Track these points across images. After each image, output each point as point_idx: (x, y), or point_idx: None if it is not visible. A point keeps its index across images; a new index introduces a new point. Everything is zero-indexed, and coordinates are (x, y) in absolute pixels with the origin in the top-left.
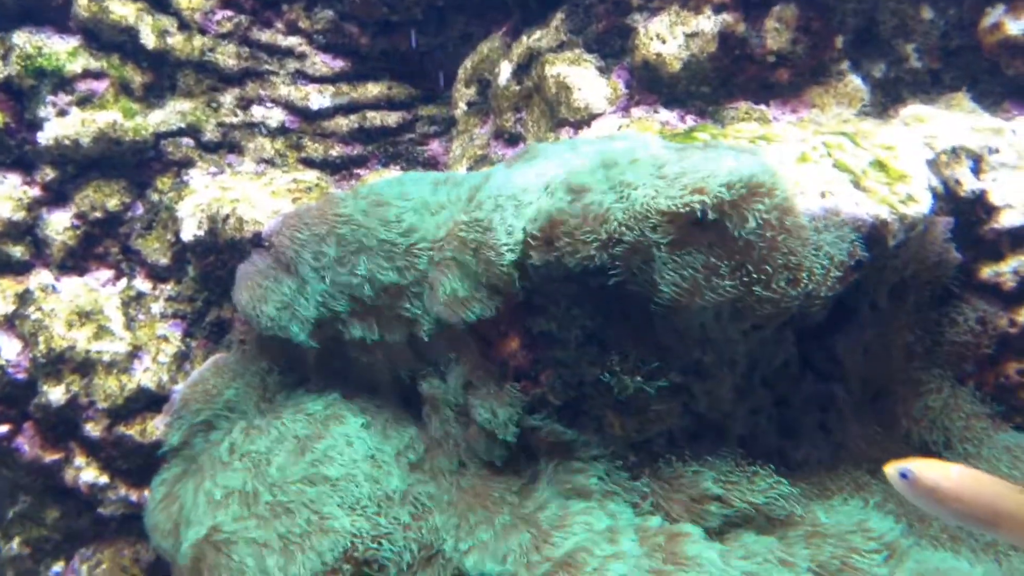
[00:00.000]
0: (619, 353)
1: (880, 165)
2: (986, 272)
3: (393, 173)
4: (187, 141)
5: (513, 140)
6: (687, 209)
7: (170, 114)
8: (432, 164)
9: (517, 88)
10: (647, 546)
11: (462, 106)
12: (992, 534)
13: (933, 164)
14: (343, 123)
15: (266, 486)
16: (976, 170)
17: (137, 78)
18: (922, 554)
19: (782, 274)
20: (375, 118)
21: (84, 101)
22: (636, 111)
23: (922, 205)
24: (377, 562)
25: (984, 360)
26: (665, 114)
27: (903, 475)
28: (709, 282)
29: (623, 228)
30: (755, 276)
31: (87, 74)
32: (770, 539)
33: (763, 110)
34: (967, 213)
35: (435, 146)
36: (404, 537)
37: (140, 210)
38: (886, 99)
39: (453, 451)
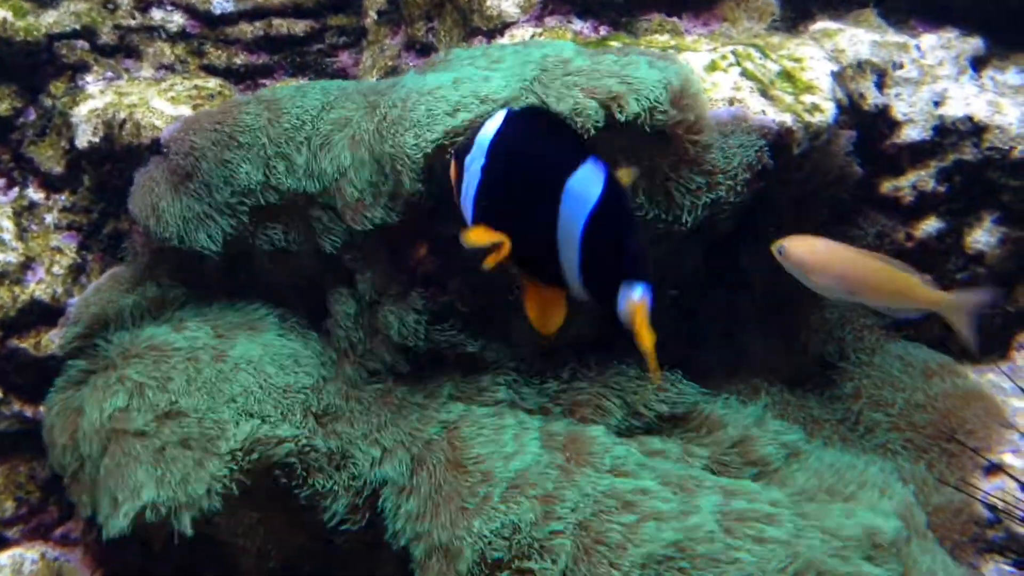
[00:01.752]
0: None
1: (788, 76)
2: (886, 186)
3: None
4: (82, 44)
5: (425, 50)
6: (605, 113)
7: (64, 15)
8: (342, 76)
9: None
10: (551, 445)
11: (372, 15)
12: (853, 300)
13: (839, 77)
14: (247, 30)
15: (167, 398)
16: (880, 84)
17: None
18: (820, 452)
19: (692, 174)
20: (282, 26)
21: None
22: (550, 20)
23: (827, 115)
24: (284, 468)
25: None
26: (579, 24)
27: (779, 251)
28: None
29: None
30: (668, 178)
31: None
32: (671, 440)
33: (675, 22)
34: (870, 127)
35: (345, 57)
36: (310, 445)
37: (32, 115)
38: (795, 15)
39: (362, 361)
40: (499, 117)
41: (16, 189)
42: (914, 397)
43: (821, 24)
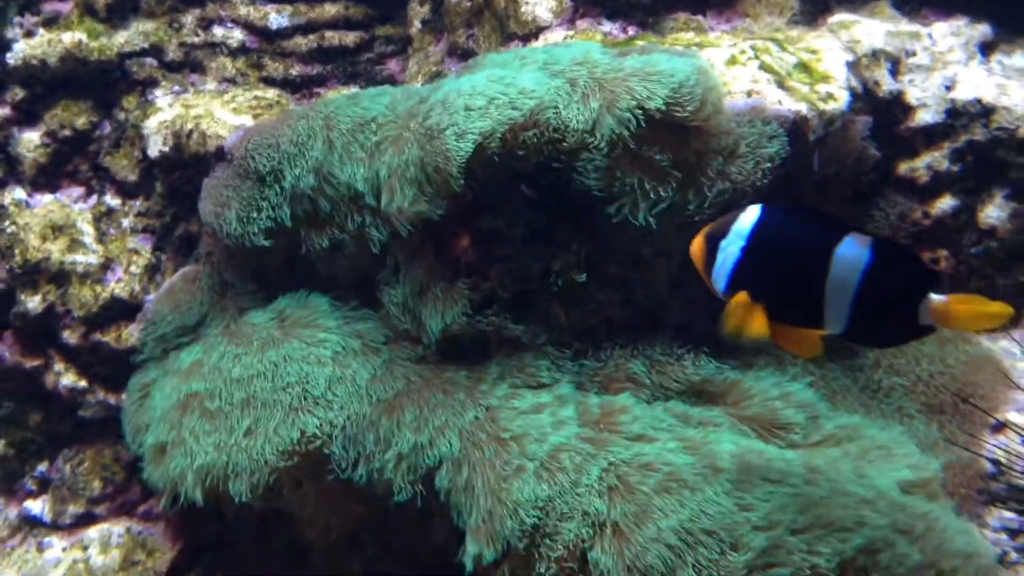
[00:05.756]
0: (562, 247)
1: (804, 67)
2: (903, 168)
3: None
4: (151, 61)
5: (466, 56)
6: (630, 113)
7: (134, 34)
8: (390, 82)
9: (468, 4)
10: (586, 419)
11: (417, 24)
12: None
13: (854, 66)
14: (302, 43)
15: (230, 383)
16: (894, 72)
17: None
18: (839, 417)
19: (711, 161)
20: (333, 38)
21: (50, 22)
22: (581, 23)
23: (840, 103)
24: (337, 446)
25: None
26: (608, 25)
27: None
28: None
29: (569, 132)
30: (691, 167)
31: None
32: (699, 407)
33: (700, 20)
34: (886, 113)
35: (392, 65)
36: (363, 426)
37: (108, 128)
38: (814, 8)
39: (412, 345)
40: (752, 211)
41: (95, 197)
42: (930, 365)
43: (838, 16)
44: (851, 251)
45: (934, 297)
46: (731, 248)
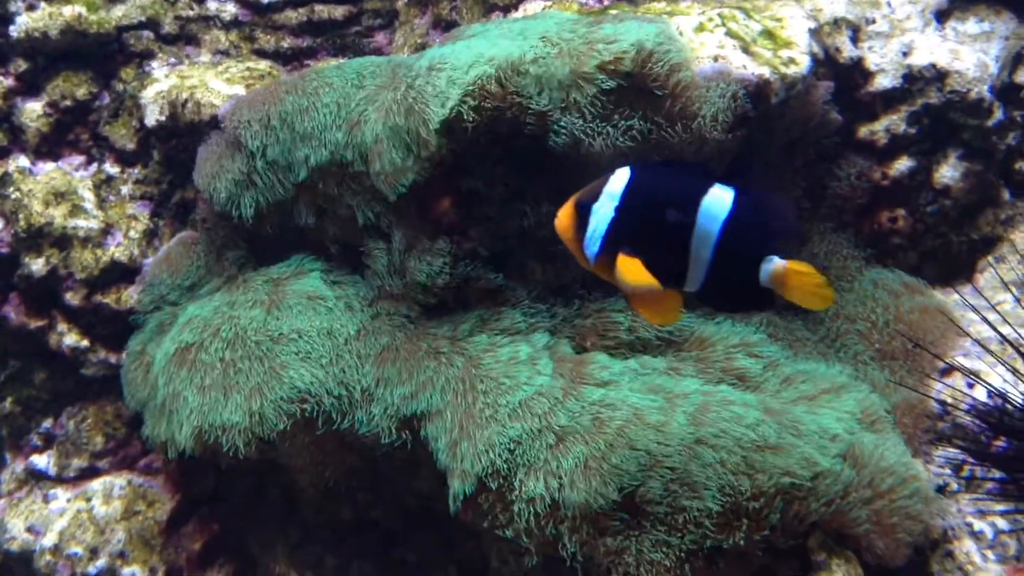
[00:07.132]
0: (539, 207)
1: (769, 34)
2: (863, 131)
3: None
4: (147, 34)
5: (450, 27)
6: (600, 72)
7: (131, 8)
8: (378, 55)
9: None
10: (560, 369)
11: None
12: None
13: (816, 33)
14: (292, 16)
15: (224, 340)
16: (855, 39)
17: None
18: (794, 363)
19: (679, 122)
20: (323, 11)
21: None
22: None
23: (801, 67)
24: (329, 399)
25: (861, 210)
26: None
27: None
28: (620, 130)
29: (544, 93)
30: (656, 124)
31: None
32: (665, 357)
33: None
34: (847, 78)
35: (380, 38)
36: (353, 380)
37: (107, 99)
38: None
39: (396, 304)
40: (623, 173)
41: (95, 165)
42: (884, 314)
43: None
44: (716, 202)
45: (776, 260)
46: (603, 211)
